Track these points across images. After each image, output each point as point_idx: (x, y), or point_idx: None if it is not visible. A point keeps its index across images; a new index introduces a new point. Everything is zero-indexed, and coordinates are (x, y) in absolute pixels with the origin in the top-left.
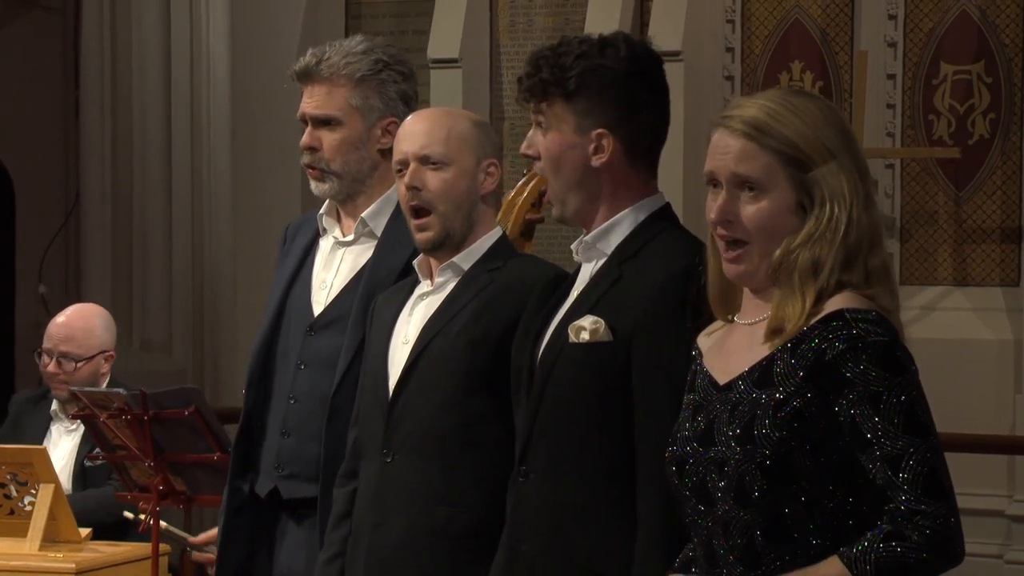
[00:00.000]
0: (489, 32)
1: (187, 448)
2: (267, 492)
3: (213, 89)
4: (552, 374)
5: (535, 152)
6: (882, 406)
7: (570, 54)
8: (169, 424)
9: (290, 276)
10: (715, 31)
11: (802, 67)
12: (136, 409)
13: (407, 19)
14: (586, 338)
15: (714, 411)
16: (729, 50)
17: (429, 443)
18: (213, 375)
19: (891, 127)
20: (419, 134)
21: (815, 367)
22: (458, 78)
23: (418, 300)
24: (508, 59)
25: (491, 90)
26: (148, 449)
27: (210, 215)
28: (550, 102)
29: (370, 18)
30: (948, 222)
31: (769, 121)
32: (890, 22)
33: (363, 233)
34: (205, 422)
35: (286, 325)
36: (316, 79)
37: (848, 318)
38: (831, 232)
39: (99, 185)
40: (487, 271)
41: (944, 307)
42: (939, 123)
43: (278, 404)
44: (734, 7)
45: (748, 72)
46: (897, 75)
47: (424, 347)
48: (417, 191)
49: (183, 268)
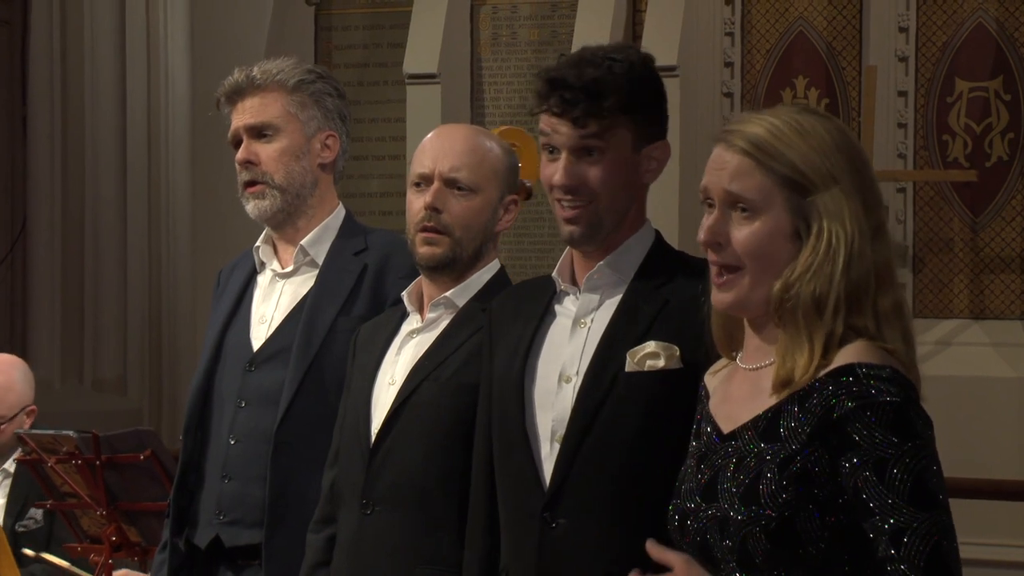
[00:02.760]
0: (470, 45)
1: (143, 495)
2: (207, 542)
3: (172, 106)
4: (604, 406)
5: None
6: (887, 474)
7: (614, 68)
8: (123, 469)
9: (227, 315)
10: (713, 44)
11: (807, 83)
12: (87, 453)
13: (381, 31)
14: (661, 365)
15: (718, 463)
16: (728, 65)
17: (412, 496)
18: (171, 416)
19: (902, 148)
20: (451, 154)
21: (822, 425)
22: (436, 95)
23: (407, 338)
24: (490, 74)
25: (472, 108)
26: (100, 497)
27: (169, 242)
28: (610, 125)
29: (341, 30)
30: (964, 250)
31: (771, 140)
32: (901, 35)
33: (303, 263)
34: (162, 467)
35: (223, 364)
36: (248, 91)
37: (860, 374)
38: (829, 264)
39: (48, 210)
40: (483, 310)
41: (960, 342)
42: (954, 144)
43: (217, 447)
44: (733, 19)
45: (748, 88)
46: (909, 92)
47: (412, 391)
48: (437, 213)
49: (139, 300)
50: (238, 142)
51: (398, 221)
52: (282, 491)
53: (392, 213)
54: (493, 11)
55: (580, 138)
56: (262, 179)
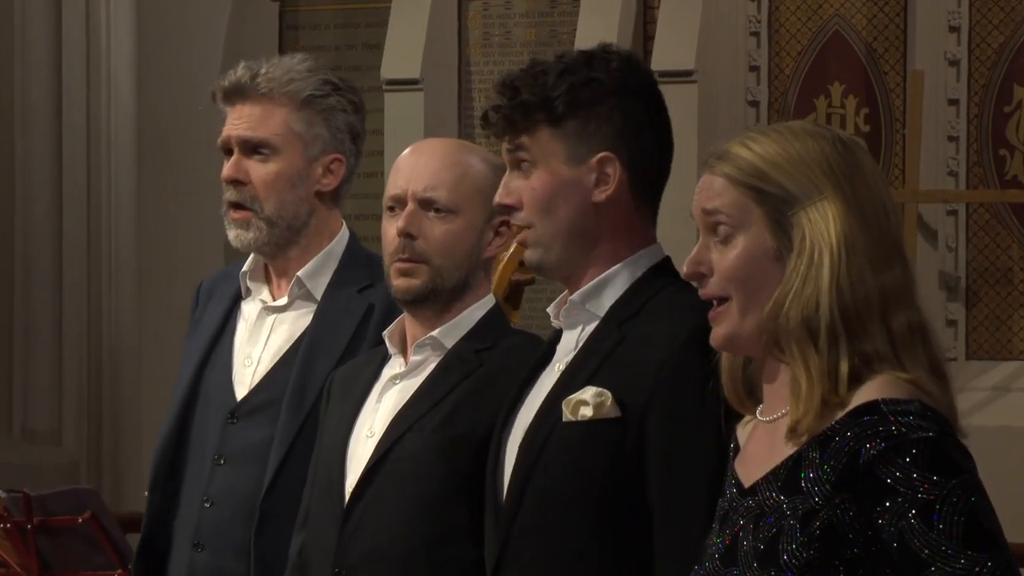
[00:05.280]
0: (457, 47)
1: (81, 564)
2: None
3: (115, 117)
4: (539, 462)
5: (515, 200)
6: (936, 517)
7: (550, 72)
8: (59, 534)
9: (205, 349)
10: (736, 46)
11: (843, 90)
12: (18, 515)
13: (356, 31)
14: (588, 414)
15: (738, 521)
16: (753, 69)
17: (391, 564)
18: (113, 472)
19: (953, 164)
20: (425, 171)
21: (848, 472)
22: (419, 102)
23: (389, 384)
24: (480, 79)
25: (459, 118)
26: (32, 565)
27: (110, 274)
28: (533, 132)
29: (309, 29)
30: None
31: (737, 149)
32: (952, 35)
33: (298, 296)
34: (104, 532)
35: (200, 411)
36: (250, 96)
37: (885, 411)
38: (812, 283)
39: None
40: (475, 351)
41: (1020, 387)
42: (1012, 160)
43: (189, 509)
44: (759, 16)
45: (776, 96)
46: (960, 100)
47: (393, 443)
48: (411, 240)
49: (76, 339)
50: (228, 150)
51: (375, 248)
52: (269, 572)
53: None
54: (484, 8)
55: (507, 151)
56: (250, 205)
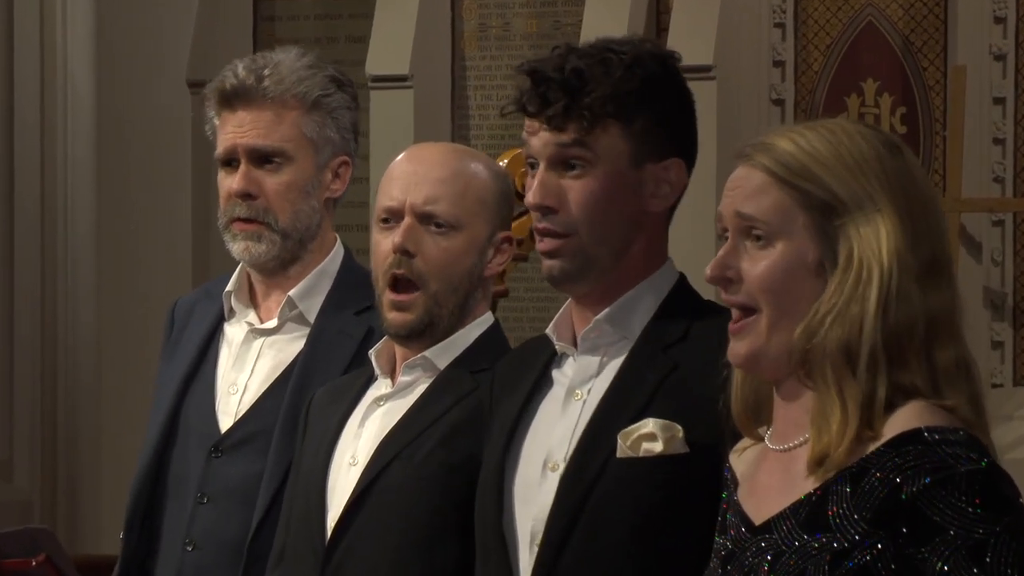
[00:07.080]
0: (451, 39)
1: None
2: None
3: (72, 120)
4: (588, 501)
5: (556, 202)
6: (989, 558)
7: (612, 63)
8: None
9: (184, 376)
10: (759, 38)
11: (877, 87)
12: None
13: (338, 22)
14: (657, 450)
15: (748, 561)
16: (778, 64)
17: None
18: (69, 510)
19: (999, 169)
20: (426, 181)
21: (887, 508)
22: (408, 100)
23: (374, 406)
24: (475, 75)
25: (453, 118)
26: None
27: (67, 293)
28: (603, 129)
29: (287, 20)
30: None
31: (795, 151)
32: (997, 27)
33: (289, 318)
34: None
35: (180, 444)
36: (256, 101)
37: (929, 440)
38: (859, 304)
39: None
40: (470, 373)
41: None
42: None
43: (170, 552)
44: (784, 6)
45: (804, 94)
46: (1007, 98)
47: (379, 473)
48: (408, 257)
49: (28, 365)
50: (230, 160)
51: (362, 262)
52: None
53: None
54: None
55: (558, 145)
56: (263, 218)
